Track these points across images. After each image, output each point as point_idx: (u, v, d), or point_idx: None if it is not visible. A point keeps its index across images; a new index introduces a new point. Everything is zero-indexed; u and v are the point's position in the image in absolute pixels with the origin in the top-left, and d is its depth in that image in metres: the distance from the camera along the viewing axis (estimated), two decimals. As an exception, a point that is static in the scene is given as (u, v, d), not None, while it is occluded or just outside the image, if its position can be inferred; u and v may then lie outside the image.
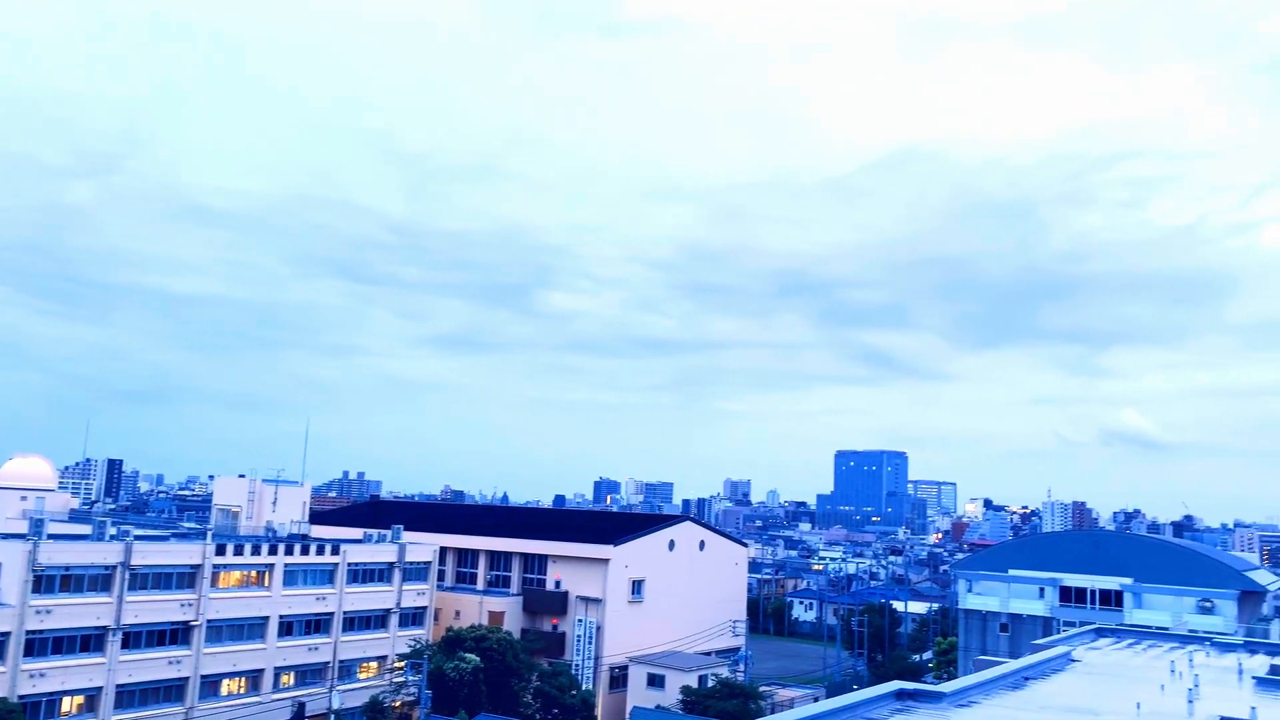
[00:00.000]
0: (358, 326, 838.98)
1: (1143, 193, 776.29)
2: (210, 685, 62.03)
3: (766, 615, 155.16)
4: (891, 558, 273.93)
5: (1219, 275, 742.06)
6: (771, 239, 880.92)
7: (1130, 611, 74.89)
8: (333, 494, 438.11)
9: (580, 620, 76.81)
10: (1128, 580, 77.14)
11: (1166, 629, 57.31)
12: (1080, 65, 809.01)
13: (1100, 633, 49.00)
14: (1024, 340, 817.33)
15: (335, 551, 70.50)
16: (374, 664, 72.05)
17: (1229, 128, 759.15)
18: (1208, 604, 72.78)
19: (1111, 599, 77.21)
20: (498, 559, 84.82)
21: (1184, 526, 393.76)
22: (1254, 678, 35.10)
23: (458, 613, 78.79)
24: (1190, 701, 28.61)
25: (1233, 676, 36.17)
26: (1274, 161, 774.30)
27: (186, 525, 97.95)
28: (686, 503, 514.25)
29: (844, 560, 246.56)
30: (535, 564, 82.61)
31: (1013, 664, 34.14)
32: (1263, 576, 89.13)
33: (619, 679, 76.49)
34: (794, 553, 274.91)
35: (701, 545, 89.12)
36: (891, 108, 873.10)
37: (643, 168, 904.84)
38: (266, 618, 65.35)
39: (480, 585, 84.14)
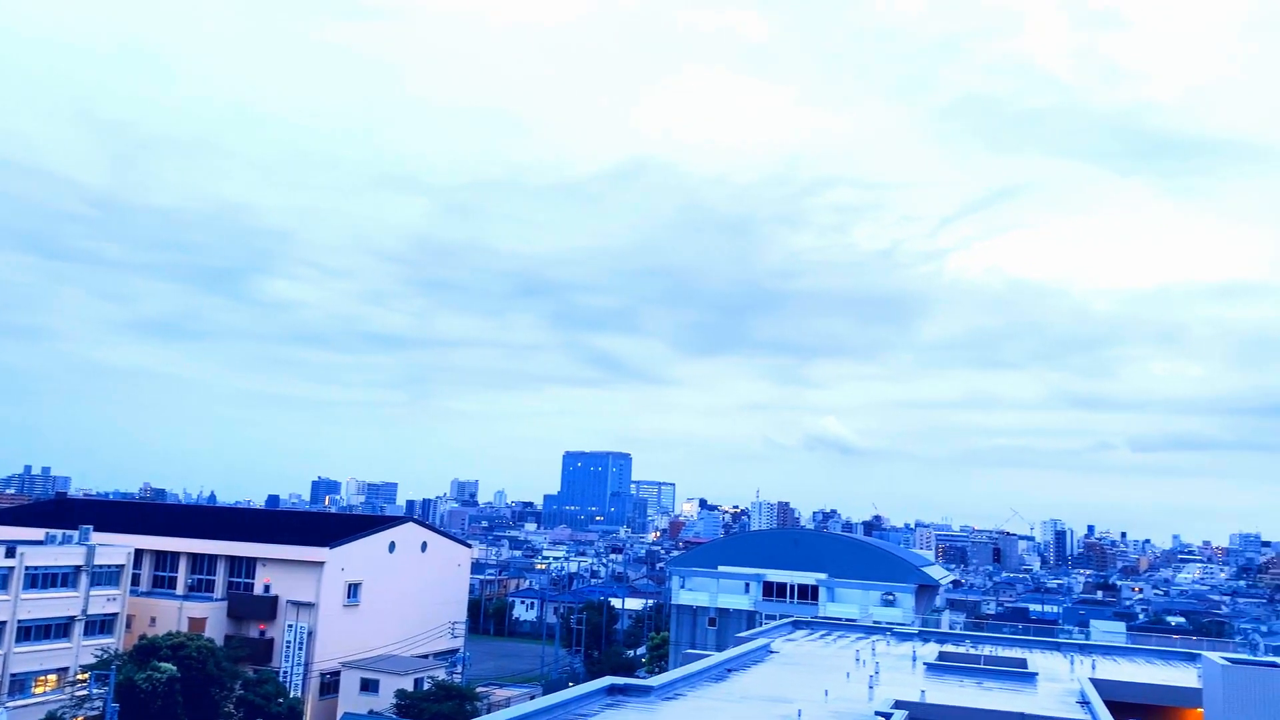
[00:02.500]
0: (47, 306, 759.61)
1: (847, 218, 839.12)
2: None
3: (488, 616, 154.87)
4: (613, 556, 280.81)
5: (910, 297, 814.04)
6: (506, 238, 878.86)
7: (825, 604, 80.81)
8: (11, 491, 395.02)
9: (291, 625, 73.51)
10: (823, 575, 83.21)
11: (854, 620, 62.19)
12: (793, 95, 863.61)
13: (797, 625, 52.40)
14: (740, 349, 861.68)
15: (10, 554, 63.70)
16: (53, 677, 65.65)
17: (919, 163, 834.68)
18: (890, 597, 79.82)
19: (809, 593, 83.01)
20: (201, 562, 79.63)
21: (873, 526, 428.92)
22: (925, 664, 38.76)
23: (153, 619, 73.28)
24: (871, 687, 31.23)
25: (908, 663, 39.73)
26: (957, 197, 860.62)
27: None
28: (411, 504, 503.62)
29: (566, 559, 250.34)
30: (243, 567, 78.24)
31: (717, 656, 35.89)
32: (936, 572, 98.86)
33: (331, 685, 73.83)
34: (519, 553, 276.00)
35: (424, 547, 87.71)
36: (625, 118, 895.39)
37: (373, 155, 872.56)
38: (-79, 630, 58.11)
39: (180, 590, 78.68)
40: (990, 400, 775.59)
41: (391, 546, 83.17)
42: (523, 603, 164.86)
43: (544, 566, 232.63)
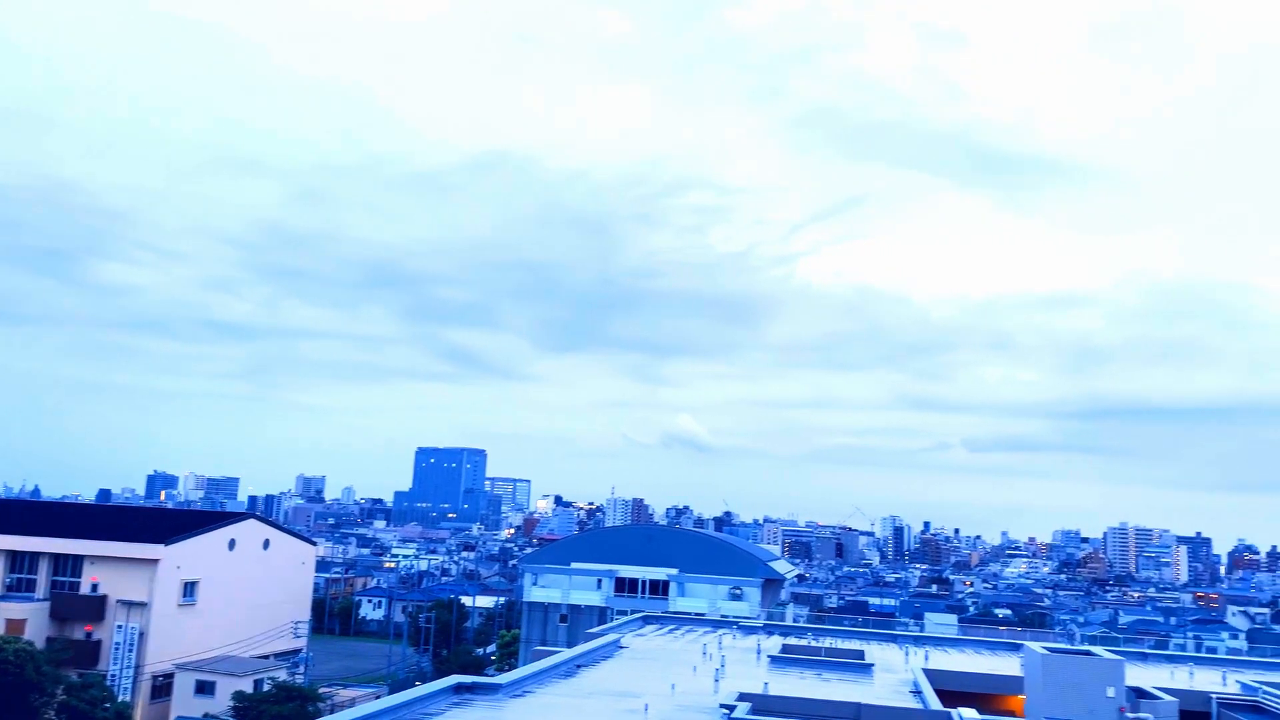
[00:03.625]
0: None
1: (704, 220, 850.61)
2: None
3: (333, 615, 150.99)
4: (465, 554, 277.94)
5: (763, 299, 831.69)
6: (358, 227, 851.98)
7: (675, 599, 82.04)
8: None
9: (121, 626, 69.93)
10: (674, 571, 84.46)
11: (703, 614, 63.42)
12: (651, 96, 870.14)
13: (647, 620, 53.08)
14: (598, 346, 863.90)
15: None
16: None
17: (772, 169, 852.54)
18: (738, 591, 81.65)
19: (660, 588, 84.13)
20: (21, 560, 74.83)
21: (724, 521, 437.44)
22: (769, 656, 39.86)
23: (-35, 623, 68.53)
24: (717, 680, 31.91)
25: (753, 656, 40.78)
26: (808, 204, 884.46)
27: None
28: (253, 499, 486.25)
29: (417, 557, 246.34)
30: (69, 565, 73.93)
31: (567, 653, 36.01)
32: (782, 566, 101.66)
33: (164, 688, 70.62)
34: (367, 551, 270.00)
35: (266, 544, 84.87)
36: (483, 110, 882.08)
37: (217, 135, 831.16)
38: None
39: (-3, 590, 73.80)
40: (836, 401, 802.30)
41: (231, 544, 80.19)
42: (370, 601, 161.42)
43: (393, 565, 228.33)
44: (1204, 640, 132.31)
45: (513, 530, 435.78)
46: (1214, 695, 36.35)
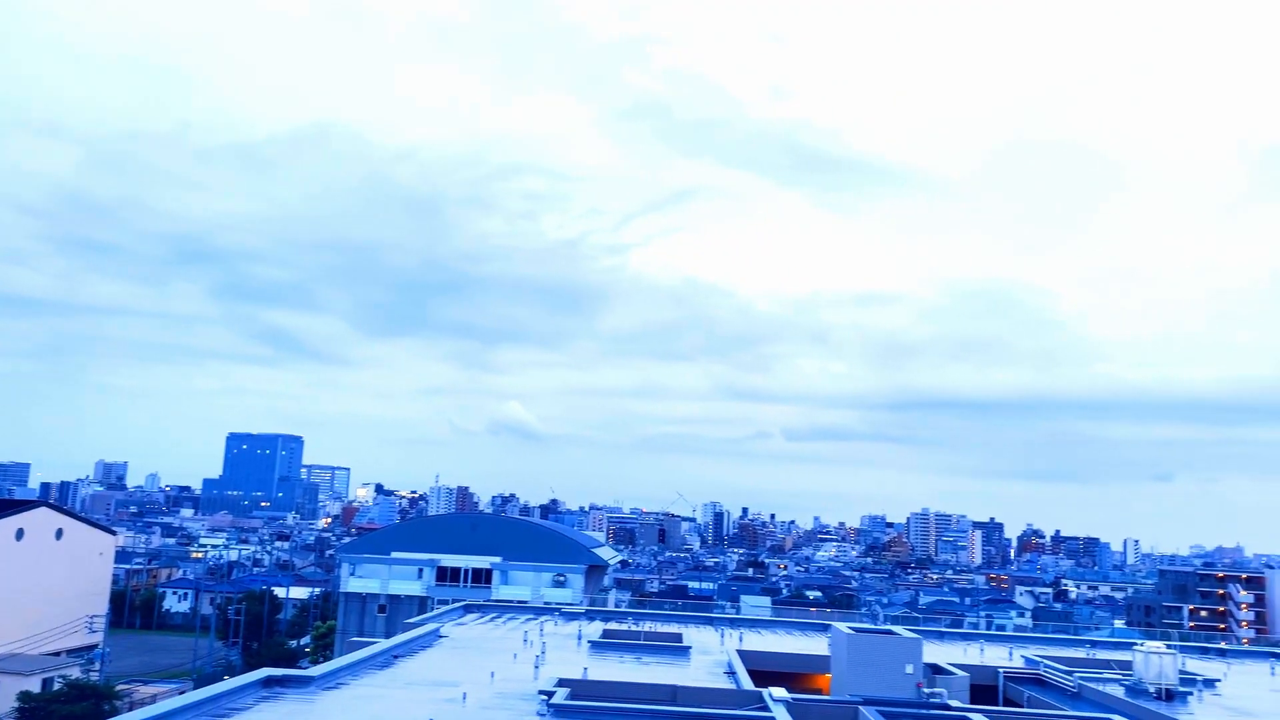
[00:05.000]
0: None
1: (536, 206, 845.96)
2: None
3: (134, 608, 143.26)
4: (279, 543, 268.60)
5: (594, 288, 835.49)
6: (166, 198, 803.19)
7: (498, 587, 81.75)
8: None
9: (-113, 625, 64.26)
10: (497, 559, 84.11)
11: (526, 602, 63.42)
12: (482, 78, 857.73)
13: (469, 609, 52.68)
14: (424, 331, 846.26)
15: None
16: None
17: (604, 160, 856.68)
18: (561, 578, 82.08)
19: (483, 576, 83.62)
20: None
21: (550, 509, 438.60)
22: (590, 642, 40.32)
23: None
24: (537, 667, 32.07)
25: (574, 642, 41.12)
26: (640, 195, 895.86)
27: None
28: (46, 486, 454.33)
29: (226, 547, 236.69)
30: None
31: (384, 643, 35.35)
32: (606, 553, 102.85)
33: (-63, 691, 65.31)
34: (172, 540, 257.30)
35: (59, 534, 79.66)
36: (304, 83, 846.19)
37: (10, 95, 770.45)
38: None
39: None
40: (663, 390, 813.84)
41: (20, 534, 74.87)
42: (175, 593, 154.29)
43: (201, 555, 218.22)
44: (994, 619, 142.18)
45: (330, 519, 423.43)
46: (1001, 669, 39.10)
